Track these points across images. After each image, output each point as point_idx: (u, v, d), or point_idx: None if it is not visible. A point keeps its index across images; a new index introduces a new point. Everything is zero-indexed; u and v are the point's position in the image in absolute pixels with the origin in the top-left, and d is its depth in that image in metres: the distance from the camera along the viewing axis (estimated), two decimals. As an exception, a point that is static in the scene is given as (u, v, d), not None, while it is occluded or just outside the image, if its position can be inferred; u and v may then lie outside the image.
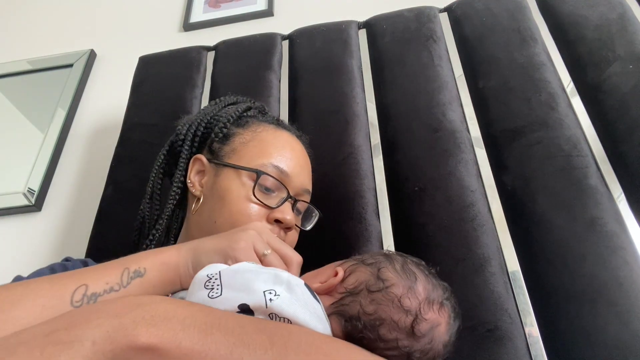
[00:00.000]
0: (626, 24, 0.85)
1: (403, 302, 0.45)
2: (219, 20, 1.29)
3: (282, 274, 0.45)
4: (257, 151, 0.63)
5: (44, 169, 1.08)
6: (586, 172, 0.72)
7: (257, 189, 0.59)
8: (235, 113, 0.68)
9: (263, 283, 0.43)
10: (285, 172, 0.62)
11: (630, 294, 0.61)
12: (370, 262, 0.50)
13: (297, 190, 0.64)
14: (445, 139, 0.81)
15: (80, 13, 1.46)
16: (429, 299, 0.46)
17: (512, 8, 0.94)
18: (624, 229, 0.67)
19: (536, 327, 0.65)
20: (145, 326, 0.31)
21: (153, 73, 1.07)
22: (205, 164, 0.65)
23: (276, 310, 0.41)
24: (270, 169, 0.61)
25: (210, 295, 0.42)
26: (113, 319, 0.31)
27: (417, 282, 0.47)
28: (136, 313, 0.32)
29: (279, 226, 0.60)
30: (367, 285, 0.47)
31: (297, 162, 0.65)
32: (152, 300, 0.34)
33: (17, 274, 0.54)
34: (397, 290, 0.46)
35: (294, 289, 0.44)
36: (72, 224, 1.02)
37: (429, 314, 0.45)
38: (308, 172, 0.68)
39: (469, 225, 0.72)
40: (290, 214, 0.61)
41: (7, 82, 1.30)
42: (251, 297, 0.41)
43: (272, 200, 0.61)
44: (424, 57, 0.92)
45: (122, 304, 0.33)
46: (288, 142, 0.67)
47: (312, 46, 1.01)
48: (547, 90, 0.82)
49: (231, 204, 0.59)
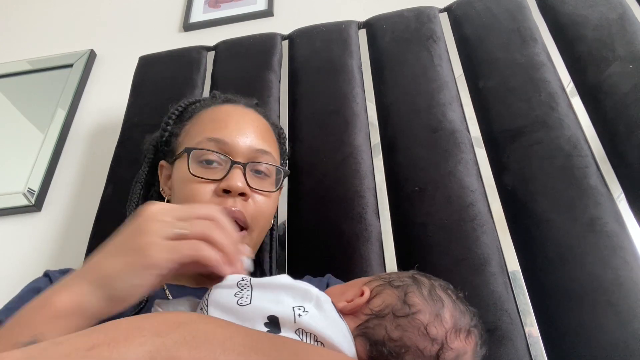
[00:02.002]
0: (626, 24, 0.85)
1: (429, 331, 0.44)
2: (219, 20, 1.29)
3: (311, 290, 0.45)
4: (194, 133, 0.63)
5: (44, 169, 1.08)
6: (586, 172, 0.72)
7: (194, 167, 0.58)
8: (176, 111, 0.68)
9: (292, 299, 0.43)
10: (223, 141, 0.60)
11: (630, 294, 0.61)
12: (397, 285, 0.48)
13: (246, 154, 0.61)
14: (445, 139, 0.81)
15: (80, 13, 1.46)
16: (455, 328, 0.45)
17: (512, 8, 0.94)
18: (624, 229, 0.67)
19: (536, 327, 0.65)
20: (187, 348, 0.30)
21: (153, 73, 1.07)
22: (167, 167, 0.66)
23: (304, 325, 0.41)
24: (205, 143, 0.59)
25: (240, 302, 0.41)
26: (155, 338, 0.30)
27: (444, 309, 0.46)
28: (178, 333, 0.31)
29: (231, 196, 0.57)
30: (393, 310, 0.46)
31: (236, 126, 0.62)
32: (192, 320, 0.34)
33: (17, 274, 0.54)
34: (424, 317, 0.45)
35: (322, 305, 0.44)
36: (72, 224, 1.02)
37: (456, 343, 0.44)
38: (259, 133, 0.64)
39: (469, 225, 0.72)
40: (239, 180, 0.57)
41: (7, 82, 1.30)
42: (280, 310, 0.41)
43: (218, 172, 0.59)
44: (424, 57, 0.92)
45: (164, 322, 0.33)
46: (225, 112, 0.65)
47: (312, 46, 1.01)
48: (547, 90, 0.82)
49: (179, 191, 0.59)
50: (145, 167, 0.69)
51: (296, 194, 0.83)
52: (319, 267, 0.68)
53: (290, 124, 0.93)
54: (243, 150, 0.60)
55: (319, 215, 0.78)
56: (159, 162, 0.69)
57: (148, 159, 0.70)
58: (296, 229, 0.80)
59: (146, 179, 0.69)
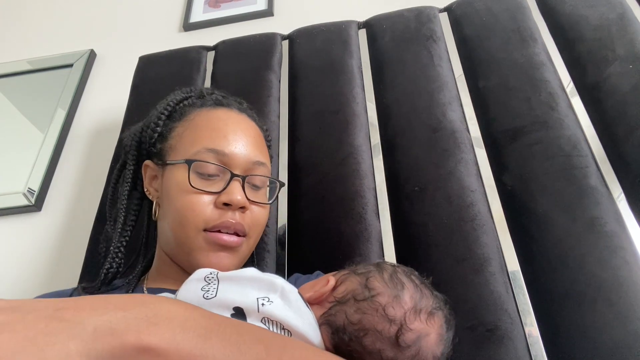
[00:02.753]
0: (626, 24, 0.85)
1: (387, 311, 0.44)
2: (219, 20, 1.29)
3: (276, 281, 0.45)
4: (191, 139, 0.61)
5: (44, 169, 1.08)
6: (586, 172, 0.72)
7: (194, 178, 0.57)
8: (166, 109, 0.66)
9: (257, 290, 0.44)
10: (222, 152, 0.59)
11: (630, 294, 0.61)
12: (360, 272, 0.49)
13: (244, 165, 0.60)
14: (445, 139, 0.81)
15: (80, 13, 1.46)
16: (415, 308, 0.44)
17: (512, 8, 0.94)
18: (624, 229, 0.67)
19: (536, 327, 0.65)
20: (146, 324, 0.32)
21: (153, 73, 1.07)
22: (154, 168, 0.64)
23: (269, 314, 0.41)
24: (204, 154, 0.58)
25: (205, 296, 0.43)
26: (118, 311, 0.32)
27: (403, 291, 0.45)
28: (140, 310, 0.33)
29: (230, 209, 0.57)
30: (354, 295, 0.46)
31: (236, 137, 0.61)
32: (157, 300, 0.35)
33: (17, 274, 0.54)
34: (383, 299, 0.44)
35: (287, 296, 0.44)
36: (72, 224, 1.02)
37: (415, 324, 0.44)
38: (255, 144, 0.63)
39: (469, 225, 0.72)
40: (238, 193, 0.57)
41: (7, 82, 1.30)
42: (244, 301, 0.42)
43: (217, 184, 0.58)
44: (424, 57, 0.92)
45: (129, 300, 0.34)
46: (222, 119, 0.63)
47: (312, 46, 1.01)
48: (547, 90, 0.82)
49: (175, 200, 0.58)
50: (130, 166, 0.66)
51: (296, 193, 0.83)
52: (319, 267, 0.68)
53: (290, 124, 0.93)
54: (241, 163, 0.60)
55: (319, 215, 0.78)
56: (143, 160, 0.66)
57: (133, 157, 0.66)
58: (296, 229, 0.80)
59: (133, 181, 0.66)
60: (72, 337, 0.30)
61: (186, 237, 0.57)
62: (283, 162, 0.89)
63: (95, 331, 0.30)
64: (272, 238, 0.80)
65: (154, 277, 0.64)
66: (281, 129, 0.94)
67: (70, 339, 0.30)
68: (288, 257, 0.79)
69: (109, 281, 0.63)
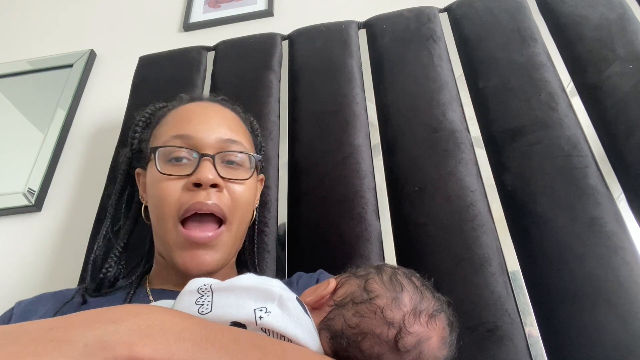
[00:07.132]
0: (626, 24, 0.85)
1: (386, 314, 0.42)
2: (219, 20, 1.29)
3: (273, 290, 0.43)
4: (160, 135, 0.62)
5: (44, 169, 1.08)
6: (586, 172, 0.72)
7: (164, 165, 0.58)
8: (143, 117, 0.68)
9: (254, 301, 0.42)
10: (188, 136, 0.59)
11: (630, 294, 0.61)
12: (360, 274, 0.47)
13: (214, 145, 0.59)
14: (445, 139, 0.81)
15: (80, 13, 1.46)
16: (415, 311, 0.43)
17: (512, 8, 0.94)
18: (624, 229, 0.67)
19: (536, 327, 0.65)
20: (139, 335, 0.31)
21: (153, 73, 1.07)
22: (143, 173, 0.65)
23: (267, 326, 0.40)
24: (170, 141, 0.59)
25: (200, 311, 0.41)
26: (109, 324, 0.31)
27: (403, 293, 0.44)
28: (133, 321, 0.32)
29: (203, 189, 0.56)
30: (352, 297, 0.45)
31: (201, 120, 0.61)
32: (150, 310, 0.34)
33: (17, 274, 0.54)
34: (381, 301, 0.43)
35: (285, 304, 0.43)
36: (72, 224, 1.02)
37: (415, 327, 0.42)
38: (227, 125, 0.63)
39: (469, 225, 0.72)
40: (209, 172, 0.56)
41: (7, 82, 1.30)
42: (241, 314, 0.40)
43: (187, 167, 0.58)
44: (424, 57, 0.92)
45: (121, 311, 0.33)
46: (189, 109, 0.64)
47: (312, 46, 1.01)
48: (547, 90, 0.82)
49: (151, 193, 0.59)
50: (120, 179, 0.68)
51: (296, 194, 0.83)
52: (319, 267, 0.68)
53: (290, 124, 0.93)
54: (211, 143, 0.59)
55: (319, 215, 0.78)
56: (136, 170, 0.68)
57: (123, 171, 0.68)
58: (296, 229, 0.80)
59: (121, 189, 0.68)
60: (60, 356, 0.28)
61: (165, 232, 0.57)
62: (283, 162, 0.89)
63: (85, 347, 0.29)
64: (272, 238, 0.80)
65: (155, 278, 0.64)
66: (281, 129, 0.94)
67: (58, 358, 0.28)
68: (288, 257, 0.79)
69: (111, 283, 0.64)
